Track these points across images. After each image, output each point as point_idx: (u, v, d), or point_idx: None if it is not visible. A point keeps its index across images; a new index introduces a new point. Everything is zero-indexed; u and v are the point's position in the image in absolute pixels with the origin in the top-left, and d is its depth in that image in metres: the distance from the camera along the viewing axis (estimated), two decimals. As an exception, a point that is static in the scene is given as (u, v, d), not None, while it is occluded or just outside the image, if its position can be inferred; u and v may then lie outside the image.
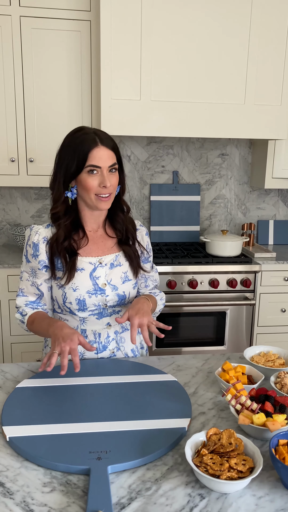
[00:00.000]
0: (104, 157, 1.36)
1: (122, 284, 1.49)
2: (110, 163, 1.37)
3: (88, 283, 1.44)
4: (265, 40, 2.54)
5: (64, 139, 1.43)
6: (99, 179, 1.37)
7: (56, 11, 2.51)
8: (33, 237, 1.44)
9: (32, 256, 1.44)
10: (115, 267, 1.49)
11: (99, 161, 1.35)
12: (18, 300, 1.49)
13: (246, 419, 1.06)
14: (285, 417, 1.05)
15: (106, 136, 1.40)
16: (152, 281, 1.64)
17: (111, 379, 1.32)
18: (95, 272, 1.46)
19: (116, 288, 1.48)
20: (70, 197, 1.41)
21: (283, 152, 2.92)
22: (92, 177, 1.36)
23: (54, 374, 1.34)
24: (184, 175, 3.18)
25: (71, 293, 1.44)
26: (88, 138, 1.36)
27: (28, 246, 1.45)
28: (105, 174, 1.37)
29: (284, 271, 2.80)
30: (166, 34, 2.44)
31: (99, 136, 1.37)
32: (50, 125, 2.65)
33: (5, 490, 0.92)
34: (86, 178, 1.37)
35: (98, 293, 1.45)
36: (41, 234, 1.44)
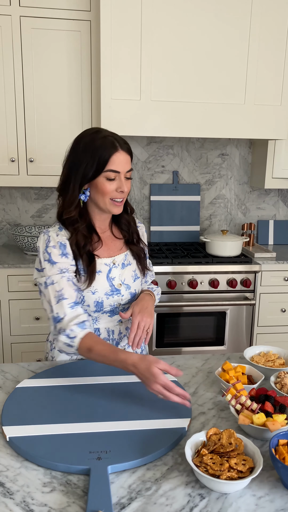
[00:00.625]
0: (123, 162, 1.36)
1: (134, 283, 1.52)
2: (128, 168, 1.38)
3: (106, 285, 1.45)
4: (265, 40, 2.54)
5: (78, 140, 1.39)
6: (117, 184, 1.37)
7: (56, 11, 2.51)
8: (56, 238, 1.38)
9: (61, 255, 1.36)
10: (126, 267, 1.51)
11: (119, 166, 1.35)
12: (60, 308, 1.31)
13: (246, 419, 1.06)
14: (285, 417, 1.05)
15: (123, 140, 1.39)
16: (151, 276, 1.69)
17: (111, 379, 1.32)
18: (110, 273, 1.47)
19: (129, 287, 1.50)
20: (83, 200, 1.40)
21: (283, 152, 2.92)
22: (110, 181, 1.36)
23: (54, 374, 1.34)
24: (184, 175, 3.18)
25: (90, 296, 1.42)
26: (108, 142, 1.34)
27: (51, 248, 1.36)
28: (122, 179, 1.37)
29: (284, 271, 2.80)
30: (166, 34, 2.44)
31: (118, 140, 1.36)
32: (50, 125, 2.65)
33: (5, 490, 0.92)
34: (104, 183, 1.36)
35: (115, 293, 1.47)
36: (62, 235, 1.39)
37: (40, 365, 1.44)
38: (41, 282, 1.37)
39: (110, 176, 1.35)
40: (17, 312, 2.60)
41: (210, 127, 2.59)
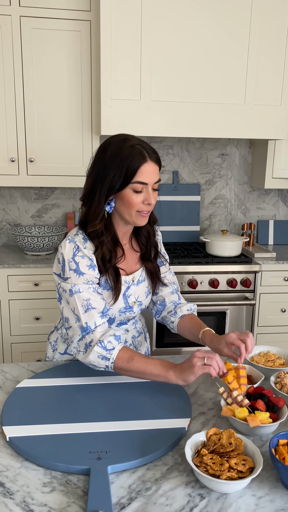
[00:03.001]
0: (152, 173, 1.29)
1: (146, 299, 1.49)
2: (156, 179, 1.31)
3: (121, 303, 1.41)
4: (265, 40, 2.54)
5: (104, 148, 1.31)
6: (144, 196, 1.30)
7: (56, 11, 2.51)
8: (84, 250, 1.31)
9: (89, 267, 1.30)
10: (141, 283, 1.46)
11: (147, 177, 1.28)
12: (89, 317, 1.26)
13: (229, 411, 1.09)
14: (267, 416, 1.06)
15: (152, 149, 1.31)
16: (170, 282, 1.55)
17: (111, 379, 1.32)
18: (128, 291, 1.42)
19: (141, 304, 1.47)
20: (108, 211, 1.33)
21: (283, 152, 2.92)
22: (137, 193, 1.29)
23: (54, 374, 1.34)
24: (184, 175, 3.18)
25: None
26: (136, 151, 1.27)
27: (79, 257, 1.30)
28: (150, 191, 1.30)
29: (284, 271, 2.80)
30: (166, 34, 2.44)
31: (146, 149, 1.29)
32: (50, 125, 2.65)
33: (5, 490, 0.92)
34: (131, 194, 1.29)
35: (128, 311, 1.44)
36: (89, 248, 1.32)
37: (40, 365, 1.44)
38: (65, 289, 1.30)
39: (138, 188, 1.28)
40: (17, 312, 2.60)
41: (210, 127, 2.59)
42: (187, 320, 1.47)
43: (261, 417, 1.05)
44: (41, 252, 2.77)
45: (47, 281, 2.59)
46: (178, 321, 1.49)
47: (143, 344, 1.59)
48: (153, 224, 1.49)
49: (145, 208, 1.33)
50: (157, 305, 1.56)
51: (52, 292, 2.61)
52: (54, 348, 1.55)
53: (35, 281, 2.58)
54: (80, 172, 2.70)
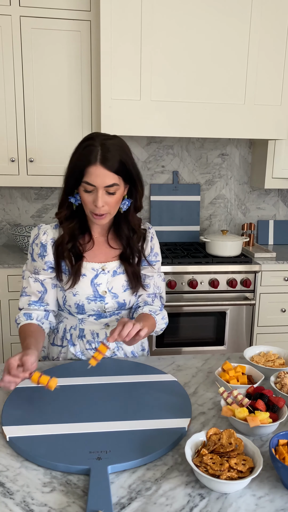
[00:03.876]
0: (100, 176, 1.28)
1: (123, 292, 1.47)
2: (108, 183, 1.29)
3: (88, 290, 1.43)
4: (265, 40, 2.54)
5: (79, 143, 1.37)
6: (93, 197, 1.32)
7: (56, 11, 2.51)
8: (41, 237, 1.42)
9: (38, 255, 1.42)
10: (118, 275, 1.46)
11: (94, 180, 1.28)
12: (21, 301, 1.45)
13: (229, 411, 1.09)
14: (268, 416, 1.06)
15: (112, 154, 1.28)
16: (154, 284, 1.54)
17: (111, 379, 1.32)
18: (96, 278, 1.44)
19: (116, 296, 1.46)
20: (74, 203, 1.39)
21: (283, 152, 2.92)
22: (88, 193, 1.32)
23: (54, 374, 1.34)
24: (184, 175, 3.18)
25: (71, 297, 1.44)
26: (90, 152, 1.28)
27: (35, 245, 1.43)
28: (99, 193, 1.29)
29: (284, 271, 2.80)
30: (166, 34, 2.44)
31: (104, 153, 1.27)
32: (50, 125, 2.65)
33: (5, 490, 0.92)
34: (83, 193, 1.33)
35: (98, 299, 1.44)
36: (49, 235, 1.42)
37: (40, 365, 1.44)
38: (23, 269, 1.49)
39: (87, 188, 1.31)
40: (17, 312, 2.60)
41: (210, 127, 2.59)
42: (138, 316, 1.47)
43: (261, 417, 1.05)
44: (41, 252, 2.76)
45: (47, 281, 2.59)
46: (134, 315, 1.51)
47: None
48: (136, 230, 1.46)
49: (95, 209, 1.33)
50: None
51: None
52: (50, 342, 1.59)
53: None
54: (80, 172, 2.70)
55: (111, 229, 1.48)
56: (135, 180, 1.38)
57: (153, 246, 1.54)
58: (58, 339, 1.54)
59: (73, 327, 1.51)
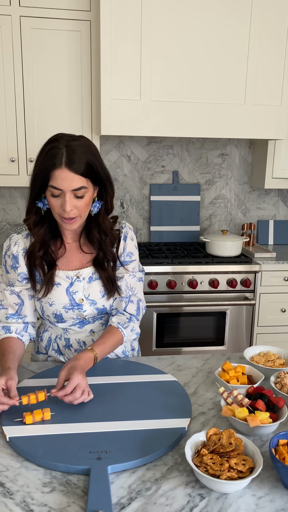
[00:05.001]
0: (68, 180, 1.22)
1: (101, 298, 1.42)
2: (75, 187, 1.23)
3: (64, 299, 1.39)
4: (265, 40, 2.54)
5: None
6: (61, 202, 1.26)
7: (56, 11, 2.51)
8: (12, 248, 1.37)
9: (11, 267, 1.38)
10: (94, 281, 1.41)
11: (60, 183, 1.23)
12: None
13: (229, 411, 1.09)
14: (268, 416, 1.06)
15: (78, 156, 1.23)
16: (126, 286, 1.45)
17: (111, 379, 1.32)
18: (72, 287, 1.39)
19: (94, 303, 1.42)
20: (42, 208, 1.33)
21: (283, 152, 2.92)
22: (55, 198, 1.26)
23: (54, 374, 1.34)
24: (184, 175, 3.18)
25: (48, 307, 1.41)
26: (54, 155, 1.22)
27: (7, 256, 1.39)
28: (67, 197, 1.24)
29: (284, 271, 2.80)
30: (166, 34, 2.44)
31: (69, 155, 1.22)
32: (50, 125, 2.65)
33: (5, 490, 0.92)
34: (49, 198, 1.27)
35: (75, 308, 1.41)
36: (20, 245, 1.37)
37: (40, 365, 1.44)
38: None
39: (53, 193, 1.25)
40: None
41: (210, 127, 2.59)
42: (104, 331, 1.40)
43: (261, 417, 1.05)
44: (41, 252, 2.76)
45: (47, 281, 2.59)
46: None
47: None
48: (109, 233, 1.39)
49: (64, 214, 1.27)
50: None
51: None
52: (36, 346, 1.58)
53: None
54: (80, 172, 2.70)
55: (82, 234, 1.41)
56: (104, 181, 1.32)
57: (126, 246, 1.44)
58: (42, 348, 1.53)
59: (58, 336, 1.49)
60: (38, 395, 1.16)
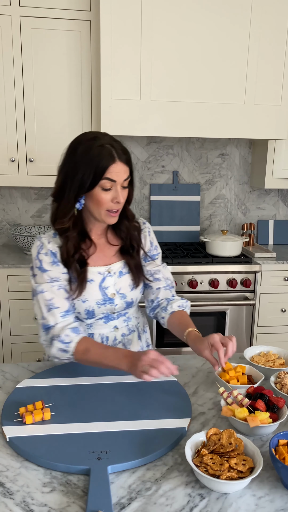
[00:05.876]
0: (121, 173, 1.31)
1: (131, 292, 1.47)
2: (125, 177, 1.33)
3: (97, 295, 1.41)
4: (265, 40, 2.54)
5: (75, 146, 1.33)
6: (112, 194, 1.32)
7: (56, 11, 2.51)
8: (47, 246, 1.37)
9: (52, 263, 1.36)
10: (124, 275, 1.46)
11: (115, 176, 1.30)
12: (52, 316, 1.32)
13: (229, 411, 1.09)
14: (268, 416, 1.06)
15: (121, 148, 1.32)
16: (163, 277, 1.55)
17: (111, 379, 1.32)
18: (104, 282, 1.42)
19: (124, 296, 1.46)
20: (78, 208, 1.36)
21: (283, 152, 2.92)
22: (106, 192, 1.31)
23: (54, 374, 1.34)
24: (184, 175, 3.18)
25: (80, 304, 1.41)
26: (106, 152, 1.28)
27: (43, 255, 1.36)
28: (118, 189, 1.32)
29: (284, 271, 2.80)
30: (166, 34, 2.44)
31: (116, 149, 1.30)
32: (50, 125, 2.65)
33: (5, 490, 0.92)
34: (100, 193, 1.31)
35: (107, 303, 1.43)
36: (53, 243, 1.37)
37: (40, 365, 1.44)
38: (33, 287, 1.37)
39: (106, 186, 1.30)
40: (17, 312, 2.60)
41: (210, 127, 2.59)
42: (176, 317, 1.47)
43: (261, 417, 1.05)
44: (41, 252, 2.76)
45: (47, 281, 2.59)
46: (168, 317, 1.49)
47: (134, 342, 1.54)
48: (132, 220, 1.48)
49: (114, 206, 1.34)
50: (150, 302, 1.56)
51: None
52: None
53: (35, 281, 2.58)
54: (80, 172, 2.70)
55: (109, 227, 1.47)
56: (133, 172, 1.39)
57: (152, 240, 1.56)
58: None
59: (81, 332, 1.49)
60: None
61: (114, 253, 1.48)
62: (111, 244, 1.48)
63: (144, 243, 1.53)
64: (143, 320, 1.64)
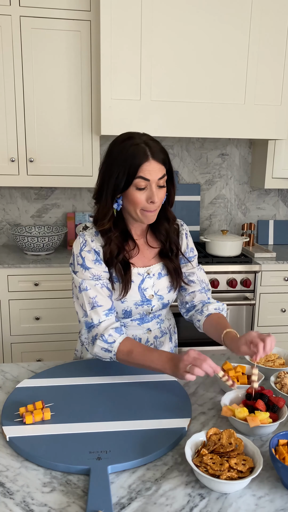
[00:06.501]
0: (155, 171, 1.29)
1: (168, 294, 1.47)
2: (160, 175, 1.30)
3: (136, 296, 1.41)
4: (265, 40, 2.54)
5: (111, 147, 1.34)
6: (147, 194, 1.30)
7: (56, 11, 2.51)
8: (91, 244, 1.36)
9: (94, 261, 1.35)
10: (163, 277, 1.46)
11: (149, 174, 1.28)
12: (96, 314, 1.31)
13: (229, 411, 1.09)
14: (268, 416, 1.06)
15: (157, 147, 1.31)
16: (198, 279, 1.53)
17: (111, 379, 1.32)
18: (143, 283, 1.42)
19: (162, 298, 1.46)
20: (116, 208, 1.35)
21: (283, 152, 2.92)
22: (140, 192, 1.30)
23: (54, 374, 1.34)
24: (184, 175, 3.18)
25: (119, 304, 1.40)
26: (140, 150, 1.28)
27: (86, 252, 1.35)
28: (153, 188, 1.30)
29: (284, 271, 2.80)
30: (166, 34, 2.44)
31: (151, 148, 1.29)
32: (50, 125, 2.65)
33: (5, 490, 0.92)
34: (134, 193, 1.30)
35: (145, 303, 1.43)
36: (96, 241, 1.37)
37: (40, 365, 1.44)
38: (76, 285, 1.36)
39: (141, 185, 1.29)
40: (17, 312, 2.60)
41: (210, 127, 2.59)
42: (213, 319, 1.46)
43: (261, 417, 1.05)
44: (41, 252, 2.77)
45: (47, 281, 2.59)
46: (204, 320, 1.48)
47: (165, 344, 1.56)
48: (173, 222, 1.47)
49: (149, 206, 1.32)
50: (184, 304, 1.55)
51: (52, 292, 2.61)
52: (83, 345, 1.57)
53: (35, 281, 2.58)
54: (80, 172, 2.70)
55: (148, 229, 1.47)
56: (172, 172, 1.38)
57: (189, 242, 1.54)
58: None
59: None
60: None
61: (153, 255, 1.47)
62: (150, 246, 1.46)
63: (181, 245, 1.51)
64: (174, 321, 1.65)
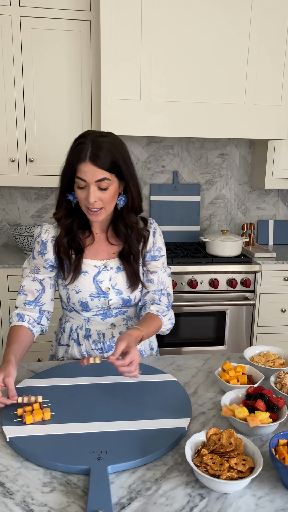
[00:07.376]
0: (90, 172, 1.29)
1: (127, 289, 1.47)
2: (98, 178, 1.30)
3: (91, 287, 1.44)
4: (265, 40, 2.54)
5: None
6: (86, 193, 1.33)
7: (56, 11, 2.51)
8: (42, 235, 1.44)
9: (39, 253, 1.44)
10: (122, 271, 1.46)
11: (85, 175, 1.30)
12: (18, 299, 1.46)
13: (229, 411, 1.09)
14: (268, 416, 1.06)
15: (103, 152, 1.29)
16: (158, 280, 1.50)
17: (111, 379, 1.32)
18: (98, 276, 1.44)
19: (120, 293, 1.46)
20: (73, 200, 1.40)
21: (283, 152, 2.92)
22: (81, 190, 1.34)
23: (54, 374, 1.34)
24: (184, 175, 3.18)
25: (74, 294, 1.45)
26: (81, 149, 1.30)
27: (36, 243, 1.46)
28: (91, 189, 1.31)
29: (284, 271, 2.80)
30: (166, 34, 2.44)
31: (94, 149, 1.29)
32: (50, 125, 2.65)
33: (5, 490, 0.92)
34: (76, 190, 1.35)
35: (101, 296, 1.45)
36: (50, 233, 1.44)
37: (40, 365, 1.44)
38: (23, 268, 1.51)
39: (79, 184, 1.33)
40: (17, 312, 2.60)
41: (210, 127, 2.59)
42: (145, 316, 1.44)
43: (261, 417, 1.05)
44: (41, 252, 2.76)
45: (47, 281, 2.59)
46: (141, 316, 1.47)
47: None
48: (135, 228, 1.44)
49: (89, 205, 1.34)
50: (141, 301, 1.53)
51: (52, 292, 2.61)
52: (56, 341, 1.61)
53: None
54: (80, 172, 2.70)
55: (110, 226, 1.48)
56: (127, 177, 1.37)
57: (155, 241, 1.51)
58: (65, 339, 1.55)
59: (79, 326, 1.52)
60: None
61: (113, 252, 1.48)
62: (110, 242, 1.48)
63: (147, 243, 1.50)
64: None
